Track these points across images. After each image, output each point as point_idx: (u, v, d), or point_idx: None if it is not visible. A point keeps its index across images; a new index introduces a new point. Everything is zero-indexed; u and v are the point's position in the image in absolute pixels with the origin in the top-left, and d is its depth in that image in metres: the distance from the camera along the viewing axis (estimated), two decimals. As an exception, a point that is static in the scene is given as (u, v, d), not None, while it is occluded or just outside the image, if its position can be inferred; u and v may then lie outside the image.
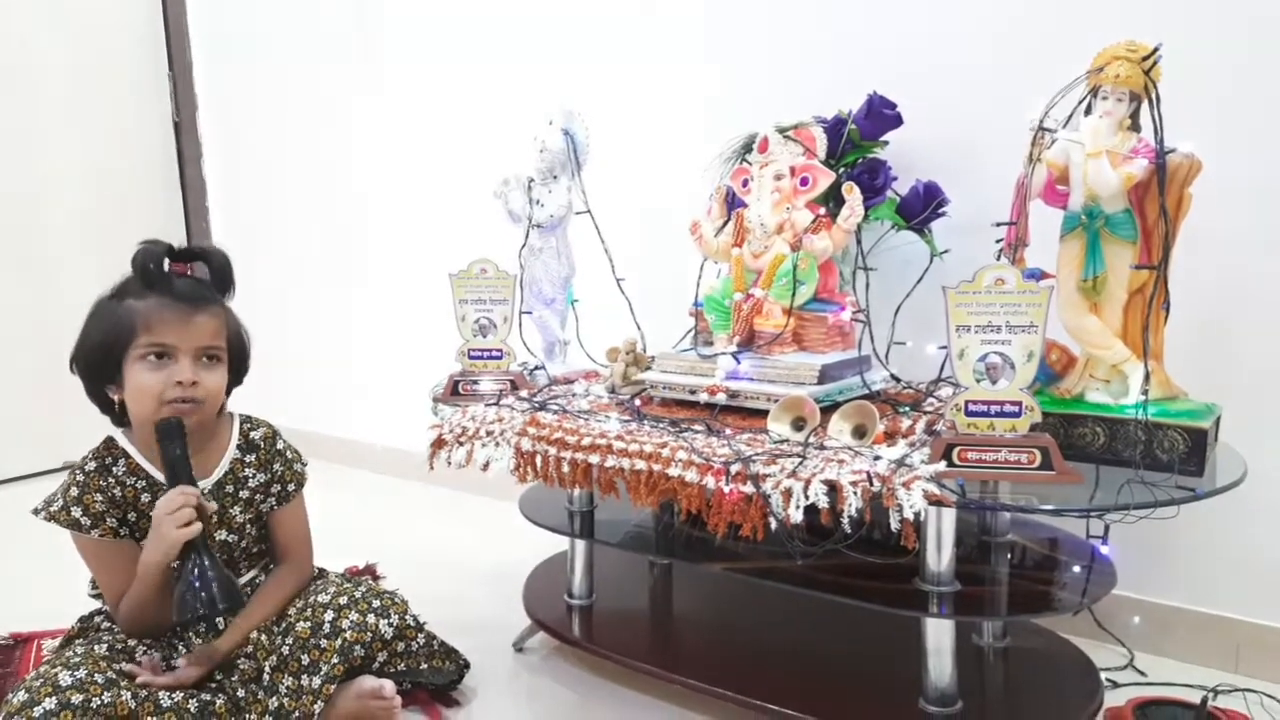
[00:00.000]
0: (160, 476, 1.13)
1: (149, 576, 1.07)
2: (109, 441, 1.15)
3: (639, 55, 1.79)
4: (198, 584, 1.02)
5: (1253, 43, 1.20)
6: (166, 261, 1.12)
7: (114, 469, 1.14)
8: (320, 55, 2.39)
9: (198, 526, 1.04)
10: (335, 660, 1.09)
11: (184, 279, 1.13)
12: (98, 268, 1.14)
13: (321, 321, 2.55)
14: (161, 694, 1.03)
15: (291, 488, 1.24)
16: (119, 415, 1.16)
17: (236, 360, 1.19)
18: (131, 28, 2.60)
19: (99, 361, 1.10)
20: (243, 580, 1.21)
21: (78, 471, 1.13)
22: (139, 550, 1.10)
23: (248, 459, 1.21)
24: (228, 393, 1.21)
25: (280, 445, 1.25)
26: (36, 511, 1.12)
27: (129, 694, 1.00)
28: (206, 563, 1.04)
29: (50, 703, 0.95)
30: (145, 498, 1.13)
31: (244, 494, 1.20)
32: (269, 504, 1.23)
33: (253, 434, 1.23)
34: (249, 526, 1.22)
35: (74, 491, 1.11)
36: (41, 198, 2.45)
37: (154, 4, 2.64)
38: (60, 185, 2.48)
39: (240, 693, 1.10)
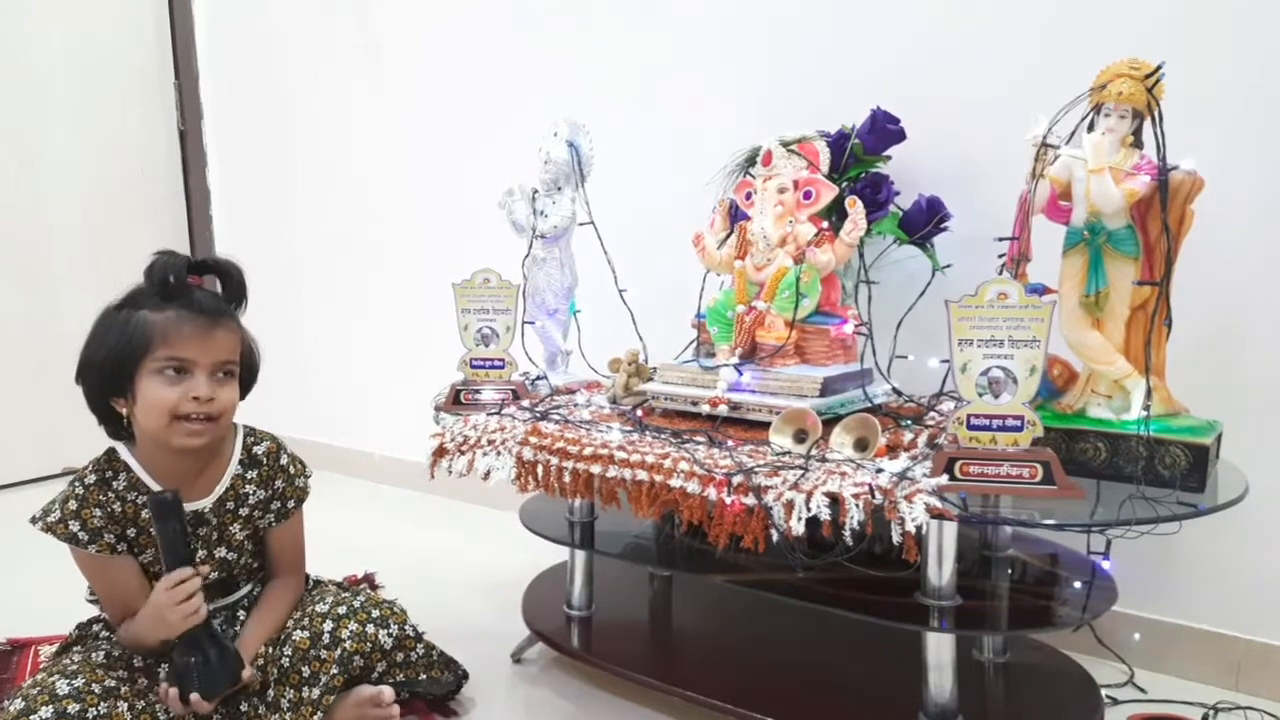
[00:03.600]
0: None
1: (143, 645, 1.08)
2: (110, 454, 1.12)
3: (644, 68, 1.80)
4: (196, 670, 1.03)
5: (1255, 61, 1.20)
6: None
7: (114, 483, 1.11)
8: (325, 65, 2.40)
9: (204, 613, 1.04)
10: (334, 671, 1.09)
11: (203, 292, 1.11)
12: (100, 276, 1.13)
13: (324, 330, 2.55)
14: (159, 707, 1.03)
15: (291, 504, 1.22)
16: (119, 428, 1.13)
17: (246, 376, 1.17)
18: (138, 36, 2.61)
19: (110, 373, 1.06)
20: (240, 594, 1.20)
21: (77, 484, 1.10)
22: (137, 565, 1.09)
23: (249, 475, 1.18)
24: None
25: (284, 460, 1.22)
26: (34, 521, 1.09)
27: (125, 704, 1.00)
28: (206, 644, 1.05)
29: (47, 711, 0.95)
30: (146, 513, 1.11)
31: (244, 511, 1.18)
32: (268, 520, 1.20)
33: (256, 449, 1.20)
34: (248, 543, 1.19)
35: (72, 505, 1.08)
36: (45, 206, 2.45)
37: (160, 13, 2.65)
38: (64, 193, 2.48)
39: (242, 706, 1.10)
